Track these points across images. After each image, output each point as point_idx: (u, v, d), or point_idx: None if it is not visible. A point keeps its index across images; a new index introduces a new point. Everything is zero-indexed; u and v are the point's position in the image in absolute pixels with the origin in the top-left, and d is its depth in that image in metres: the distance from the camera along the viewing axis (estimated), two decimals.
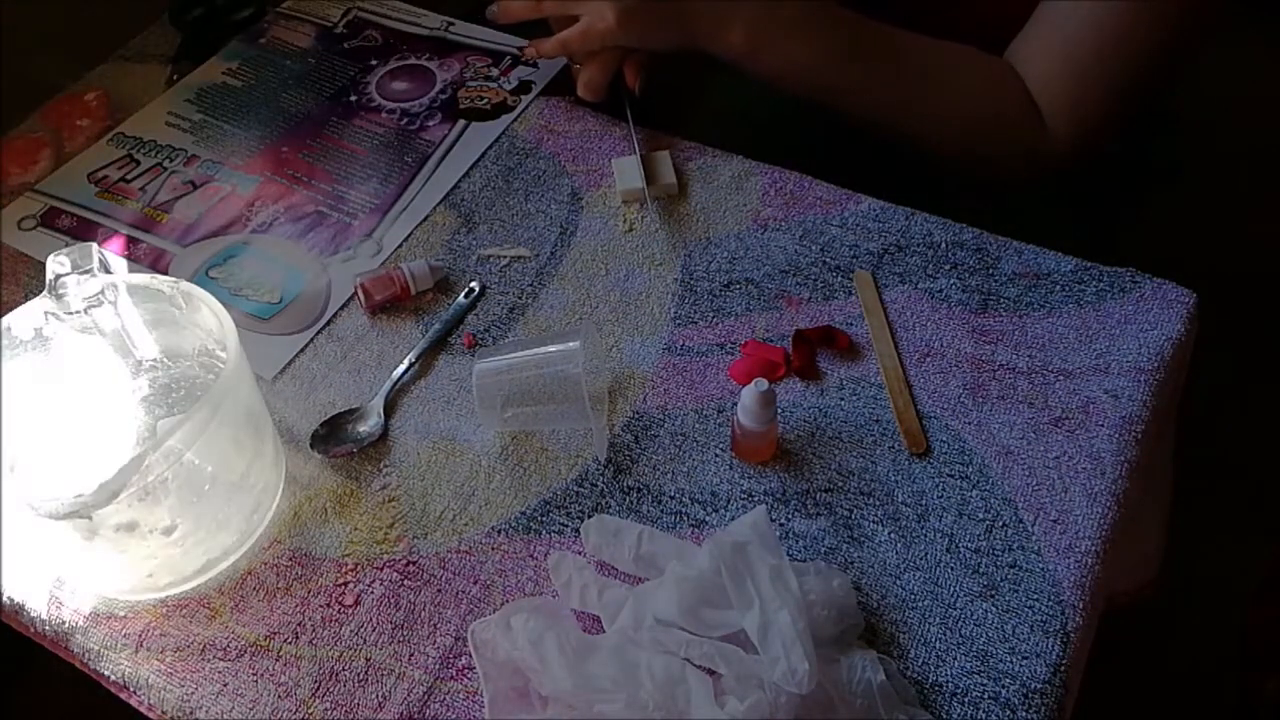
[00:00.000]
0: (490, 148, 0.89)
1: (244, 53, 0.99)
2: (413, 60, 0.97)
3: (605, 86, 0.85)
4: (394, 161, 0.88)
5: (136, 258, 0.83)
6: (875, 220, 0.80)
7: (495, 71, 0.95)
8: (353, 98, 0.94)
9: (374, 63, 0.97)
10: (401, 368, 0.74)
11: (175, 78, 0.96)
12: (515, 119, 0.91)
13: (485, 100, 0.93)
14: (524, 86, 0.93)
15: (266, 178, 0.88)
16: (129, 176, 0.88)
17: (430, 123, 0.91)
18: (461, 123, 0.91)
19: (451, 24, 1.00)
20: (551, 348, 0.68)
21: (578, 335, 0.68)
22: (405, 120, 0.92)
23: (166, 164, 0.89)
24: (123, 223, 0.85)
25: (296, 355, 0.75)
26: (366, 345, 0.76)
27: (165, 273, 0.80)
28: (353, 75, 0.96)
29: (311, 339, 0.76)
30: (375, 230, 0.83)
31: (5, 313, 0.64)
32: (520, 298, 0.79)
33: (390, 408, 0.73)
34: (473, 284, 0.79)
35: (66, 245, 0.81)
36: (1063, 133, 0.79)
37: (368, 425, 0.72)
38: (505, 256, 0.81)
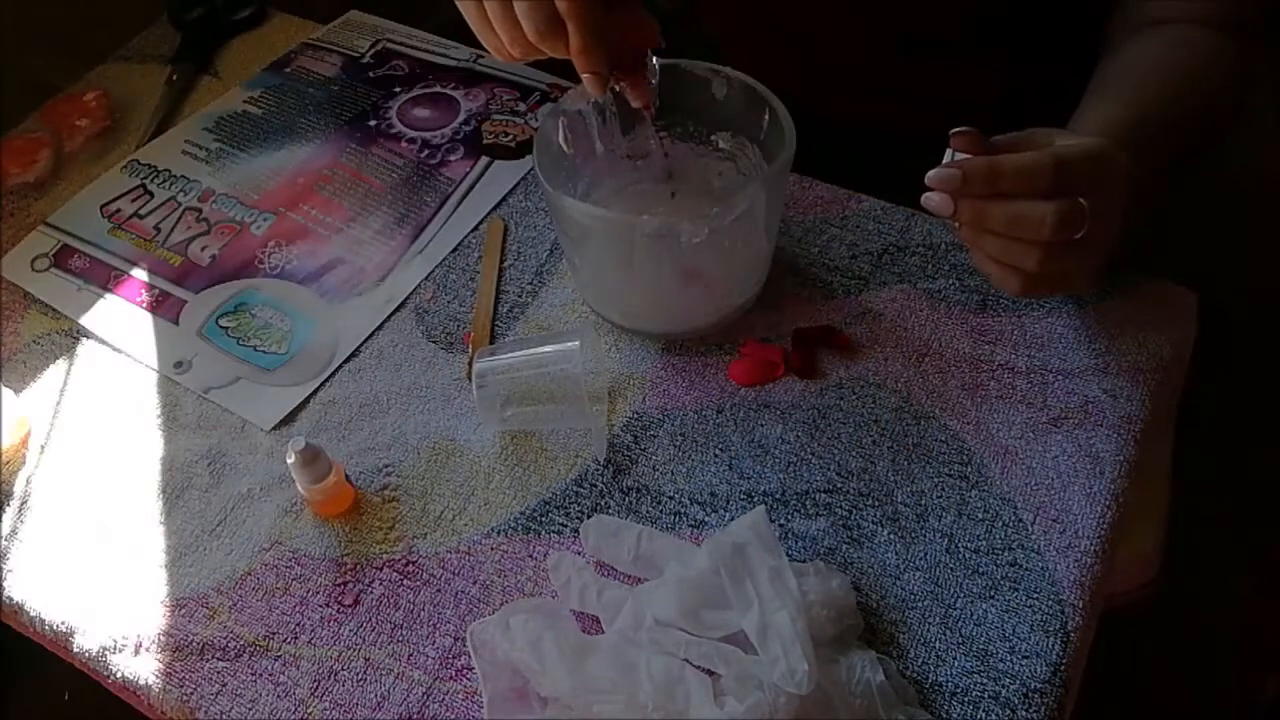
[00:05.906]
0: (512, 190, 0.85)
1: (267, 81, 0.96)
2: (438, 88, 0.94)
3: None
4: (412, 200, 0.85)
5: (151, 306, 0.79)
6: (875, 220, 0.80)
7: (522, 106, 0.91)
8: (373, 122, 0.91)
9: (398, 90, 0.94)
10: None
11: (175, 78, 0.96)
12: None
13: (510, 137, 0.88)
14: None
15: (281, 214, 0.84)
16: (142, 211, 0.85)
17: (452, 157, 0.87)
18: (484, 160, 0.87)
19: (480, 56, 0.96)
20: (551, 347, 0.68)
21: (578, 335, 0.68)
22: (426, 152, 0.88)
23: (180, 198, 0.86)
24: (136, 265, 0.82)
25: (294, 409, 0.73)
26: (366, 344, 0.76)
27: (177, 321, 0.78)
28: (375, 101, 0.93)
29: (312, 393, 0.73)
30: (388, 277, 0.80)
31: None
32: (520, 297, 0.79)
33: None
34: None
35: (79, 290, 0.80)
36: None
37: None
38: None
